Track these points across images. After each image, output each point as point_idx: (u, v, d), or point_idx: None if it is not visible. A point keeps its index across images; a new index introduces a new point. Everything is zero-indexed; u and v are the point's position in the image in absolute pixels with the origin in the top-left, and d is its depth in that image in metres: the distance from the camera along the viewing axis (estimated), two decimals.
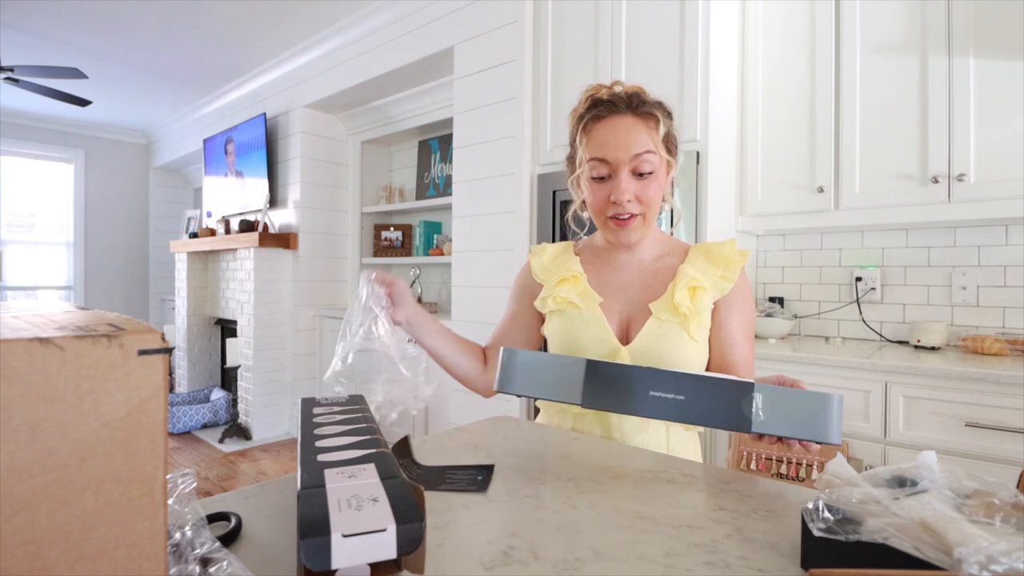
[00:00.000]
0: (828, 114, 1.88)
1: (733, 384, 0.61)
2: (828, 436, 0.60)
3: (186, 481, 0.47)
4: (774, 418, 0.61)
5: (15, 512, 0.28)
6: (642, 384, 0.63)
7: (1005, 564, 0.33)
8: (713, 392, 0.61)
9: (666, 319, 0.92)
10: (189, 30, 3.35)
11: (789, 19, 1.97)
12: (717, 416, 0.61)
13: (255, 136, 3.90)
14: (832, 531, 0.42)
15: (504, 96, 2.38)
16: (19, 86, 3.48)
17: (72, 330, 0.31)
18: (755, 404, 0.61)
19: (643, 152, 0.90)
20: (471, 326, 2.50)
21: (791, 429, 0.61)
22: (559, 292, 0.99)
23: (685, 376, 0.63)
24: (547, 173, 2.23)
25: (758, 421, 0.61)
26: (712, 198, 1.84)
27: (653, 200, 0.93)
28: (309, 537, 0.38)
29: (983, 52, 1.61)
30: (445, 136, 3.47)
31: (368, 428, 0.61)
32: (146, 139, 5.77)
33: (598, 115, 0.93)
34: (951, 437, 1.43)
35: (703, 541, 0.52)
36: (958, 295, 1.86)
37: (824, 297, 2.13)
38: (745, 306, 0.96)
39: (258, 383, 3.66)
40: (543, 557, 0.49)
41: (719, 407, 0.61)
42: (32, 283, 5.23)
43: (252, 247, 3.62)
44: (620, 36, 2.02)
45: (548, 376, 0.65)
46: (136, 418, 0.31)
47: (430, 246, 3.47)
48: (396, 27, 2.94)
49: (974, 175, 1.63)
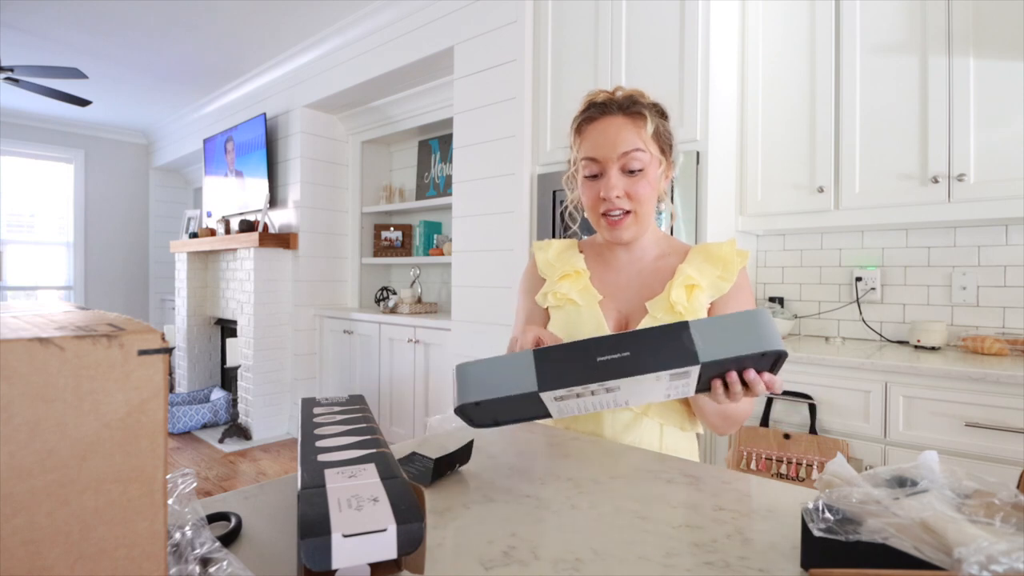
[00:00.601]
0: (828, 114, 1.88)
1: (669, 327, 0.64)
2: (769, 344, 0.63)
3: (186, 481, 0.47)
4: (714, 343, 0.63)
5: (15, 512, 0.28)
6: (588, 353, 0.64)
7: (1005, 564, 0.33)
8: (655, 339, 0.63)
9: (662, 318, 0.92)
10: (189, 30, 3.35)
11: (789, 19, 1.97)
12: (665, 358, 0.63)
13: (255, 136, 3.90)
14: (832, 531, 0.42)
15: (504, 96, 2.38)
16: (19, 86, 3.48)
17: (72, 330, 0.31)
18: (694, 337, 0.63)
19: (631, 150, 0.91)
20: (471, 326, 2.50)
21: (733, 348, 0.63)
22: (559, 288, 1.00)
23: (625, 335, 0.64)
24: (547, 173, 2.23)
25: (702, 350, 0.63)
26: (712, 198, 1.84)
27: (643, 197, 0.93)
28: (309, 537, 0.38)
29: (983, 52, 1.61)
30: (445, 136, 3.47)
31: (368, 428, 0.61)
32: (146, 139, 5.77)
33: (590, 116, 0.95)
34: (951, 437, 1.43)
35: (703, 541, 0.52)
36: (958, 295, 1.86)
37: (824, 297, 2.13)
38: (744, 305, 0.96)
39: (258, 383, 3.66)
40: (543, 557, 0.49)
41: (664, 350, 0.63)
42: (32, 283, 5.23)
43: (252, 247, 3.62)
44: (620, 36, 2.02)
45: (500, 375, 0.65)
46: (136, 418, 0.31)
47: (430, 246, 3.47)
48: (396, 27, 2.94)
49: (974, 175, 1.63)
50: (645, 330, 0.64)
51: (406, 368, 3.04)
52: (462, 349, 2.54)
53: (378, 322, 3.19)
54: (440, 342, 2.82)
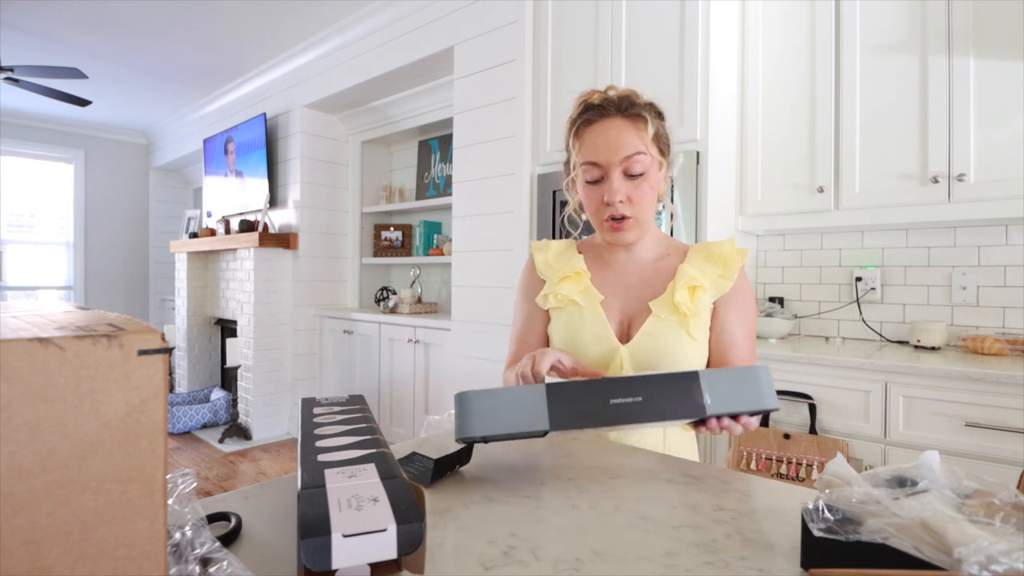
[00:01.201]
0: (828, 114, 1.88)
1: (682, 376, 0.65)
2: (768, 403, 0.66)
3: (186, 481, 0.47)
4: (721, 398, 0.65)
5: (15, 512, 0.28)
6: (603, 394, 0.64)
7: (1005, 564, 0.33)
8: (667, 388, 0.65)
9: (666, 318, 0.92)
10: (189, 30, 3.35)
11: (789, 19, 1.97)
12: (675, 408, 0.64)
13: (255, 136, 3.90)
14: (832, 531, 0.42)
15: (504, 96, 2.38)
16: (19, 86, 3.48)
17: (72, 330, 0.31)
18: (704, 389, 0.65)
19: (633, 154, 0.91)
20: (471, 326, 2.50)
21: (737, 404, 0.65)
22: (560, 289, 0.99)
23: (639, 378, 0.65)
24: (547, 173, 2.23)
25: (710, 405, 0.64)
26: (712, 198, 1.84)
27: (645, 200, 0.93)
28: (309, 537, 0.38)
29: (983, 52, 1.61)
30: (445, 136, 3.47)
31: (368, 428, 0.61)
32: (146, 139, 5.77)
33: (588, 119, 0.94)
34: (951, 437, 1.43)
35: (703, 541, 0.52)
36: (958, 295, 1.86)
37: (824, 297, 2.13)
38: (744, 305, 0.96)
39: (258, 383, 3.66)
40: (543, 557, 0.49)
41: (675, 400, 0.64)
42: (32, 283, 5.23)
43: (252, 247, 3.62)
44: (620, 36, 2.02)
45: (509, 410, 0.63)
46: (136, 418, 0.31)
47: (430, 246, 3.47)
48: (396, 27, 2.94)
49: (974, 175, 1.63)
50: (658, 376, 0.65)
51: (406, 368, 3.04)
52: (462, 349, 2.54)
53: (378, 322, 3.19)
54: (440, 342, 2.82)
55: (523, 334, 1.06)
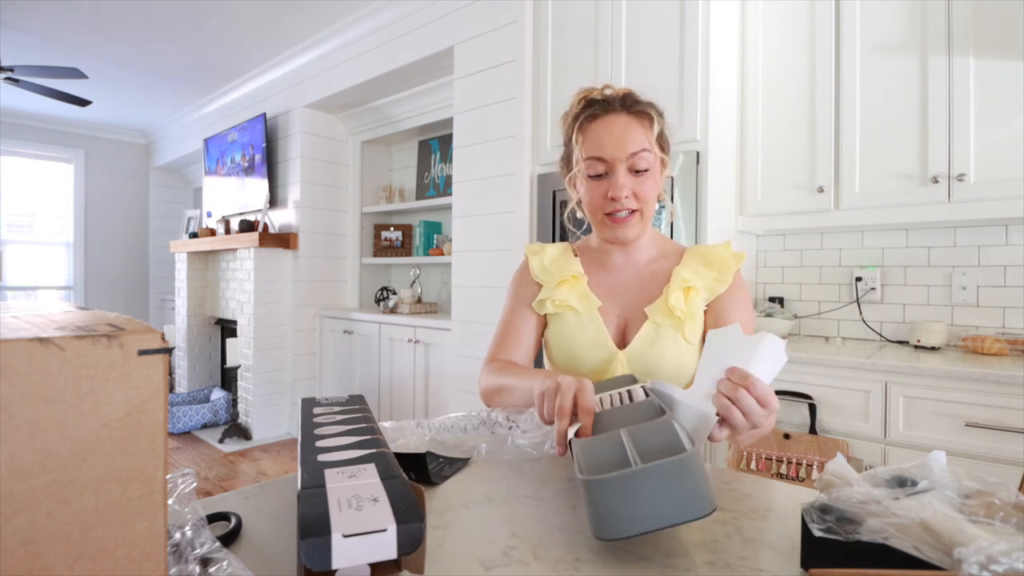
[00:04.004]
0: (828, 114, 1.88)
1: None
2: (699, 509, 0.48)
3: (186, 481, 0.47)
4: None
5: (15, 512, 0.28)
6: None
7: (1005, 564, 0.33)
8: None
9: (661, 322, 0.92)
10: (189, 30, 3.35)
11: (789, 19, 1.97)
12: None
13: (255, 136, 3.90)
14: (832, 531, 0.42)
15: (504, 96, 2.38)
16: (19, 86, 3.48)
17: (72, 330, 0.31)
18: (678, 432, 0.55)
19: (639, 150, 0.90)
20: (471, 326, 2.50)
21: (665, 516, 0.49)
22: (558, 295, 0.99)
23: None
24: (547, 173, 2.23)
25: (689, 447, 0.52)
26: (712, 198, 1.84)
27: (649, 197, 0.93)
28: (309, 537, 0.38)
29: (983, 52, 1.61)
30: (445, 136, 3.46)
31: (368, 428, 0.61)
32: (146, 139, 5.77)
33: (593, 114, 0.93)
34: (951, 437, 1.43)
35: (703, 541, 0.52)
36: (958, 295, 1.86)
37: (824, 297, 2.13)
38: (740, 306, 0.96)
39: (258, 383, 3.66)
40: (543, 557, 0.49)
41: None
42: (32, 283, 5.23)
43: (252, 247, 3.62)
44: (620, 36, 2.02)
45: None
46: (136, 418, 0.31)
47: (430, 246, 3.47)
48: (396, 27, 2.94)
49: (974, 175, 1.63)
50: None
51: (406, 368, 3.04)
52: (462, 349, 2.54)
53: (378, 322, 3.19)
54: (440, 342, 2.82)
55: (507, 335, 1.04)
